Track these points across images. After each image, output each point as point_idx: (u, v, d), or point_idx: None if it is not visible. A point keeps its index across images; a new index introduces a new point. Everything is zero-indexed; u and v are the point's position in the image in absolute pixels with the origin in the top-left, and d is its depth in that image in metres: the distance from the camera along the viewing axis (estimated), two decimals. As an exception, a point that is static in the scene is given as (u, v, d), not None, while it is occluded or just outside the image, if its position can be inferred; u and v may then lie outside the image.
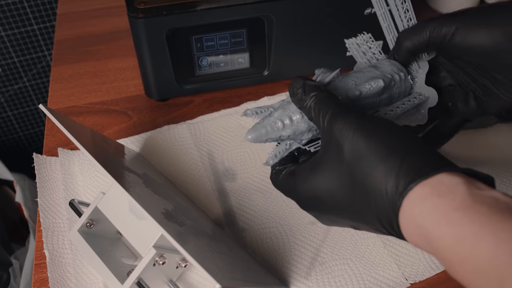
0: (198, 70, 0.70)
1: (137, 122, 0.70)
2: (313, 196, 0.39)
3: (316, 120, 0.40)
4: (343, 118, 0.37)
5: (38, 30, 1.24)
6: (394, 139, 0.35)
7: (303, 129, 0.44)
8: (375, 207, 0.35)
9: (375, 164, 0.34)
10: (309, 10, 0.67)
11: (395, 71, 0.47)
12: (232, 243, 0.53)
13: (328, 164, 0.38)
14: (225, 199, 0.59)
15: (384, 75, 0.47)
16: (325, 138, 0.39)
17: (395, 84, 0.47)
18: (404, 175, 0.33)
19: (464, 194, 0.31)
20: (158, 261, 0.44)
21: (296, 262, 0.52)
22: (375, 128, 0.36)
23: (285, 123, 0.44)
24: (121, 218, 0.47)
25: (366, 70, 0.47)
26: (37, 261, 0.53)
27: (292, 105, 0.44)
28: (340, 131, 0.37)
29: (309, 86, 0.41)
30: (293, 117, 0.44)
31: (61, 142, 0.66)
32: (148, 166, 0.60)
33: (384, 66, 0.48)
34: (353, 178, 0.36)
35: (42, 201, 0.58)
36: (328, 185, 0.38)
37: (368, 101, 0.46)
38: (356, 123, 0.36)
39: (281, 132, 0.44)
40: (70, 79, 0.78)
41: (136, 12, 0.62)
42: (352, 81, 0.46)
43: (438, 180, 0.32)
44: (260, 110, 0.47)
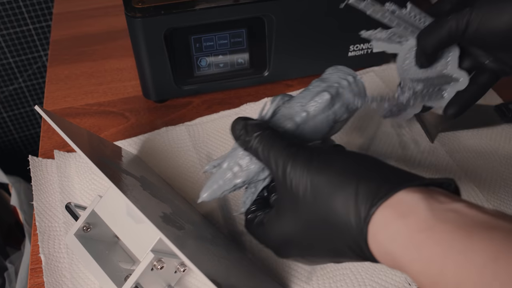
0: (197, 70, 0.70)
1: (134, 123, 0.70)
2: (284, 242, 0.39)
3: (265, 162, 0.40)
4: (295, 160, 0.37)
5: (34, 30, 1.25)
6: (346, 167, 0.35)
7: (256, 170, 0.43)
8: (344, 239, 0.34)
9: (332, 196, 0.34)
10: (309, 10, 0.67)
11: (341, 77, 0.47)
12: (232, 247, 0.53)
13: (288, 208, 0.38)
14: (225, 203, 0.59)
15: (329, 85, 0.46)
16: (279, 182, 0.38)
17: (345, 90, 0.47)
18: (363, 200, 0.32)
19: (426, 212, 0.30)
20: (156, 265, 0.44)
21: (296, 266, 0.52)
22: (324, 162, 0.36)
23: (235, 170, 0.43)
24: (118, 222, 0.47)
25: (312, 86, 0.47)
26: (33, 266, 0.53)
27: (238, 150, 0.44)
28: (292, 174, 0.36)
29: (251, 126, 0.41)
30: (241, 162, 0.43)
31: (57, 144, 0.66)
32: (145, 169, 0.60)
33: (330, 76, 0.48)
34: (316, 216, 0.35)
35: (38, 204, 0.58)
36: (294, 229, 0.38)
37: (321, 117, 0.45)
38: (306, 162, 0.36)
39: (233, 181, 0.43)
40: (67, 80, 0.78)
41: (133, 11, 0.62)
42: (298, 103, 0.45)
43: (398, 199, 0.32)
44: (217, 163, 0.46)
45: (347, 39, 0.73)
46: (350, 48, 0.74)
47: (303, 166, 0.36)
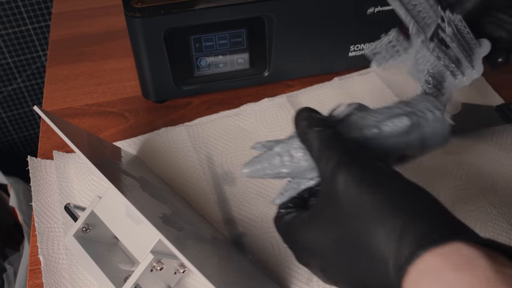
0: (196, 71, 0.70)
1: (134, 124, 0.70)
2: (308, 250, 0.37)
3: (316, 161, 0.37)
4: (346, 169, 0.34)
5: (33, 30, 1.25)
6: (401, 196, 0.32)
7: (305, 167, 0.41)
8: (374, 272, 0.32)
9: (376, 223, 0.31)
10: (310, 10, 0.67)
11: (429, 108, 0.43)
12: (232, 248, 0.53)
13: (325, 216, 0.35)
14: (224, 203, 0.59)
15: (412, 112, 0.43)
16: (325, 186, 0.36)
17: (428, 123, 0.42)
18: (411, 238, 0.29)
19: (488, 271, 0.27)
20: (155, 266, 0.44)
21: (297, 267, 0.52)
22: (379, 183, 0.33)
23: (284, 159, 0.41)
24: (117, 223, 0.47)
25: (393, 106, 0.44)
26: (32, 267, 0.53)
27: (295, 139, 0.41)
28: (341, 183, 0.34)
29: (315, 119, 0.39)
30: (294, 154, 0.41)
31: (56, 144, 0.66)
32: (145, 169, 0.60)
33: (416, 103, 0.44)
34: (351, 236, 0.33)
35: (37, 205, 0.58)
36: (323, 240, 0.36)
37: (392, 142, 0.42)
38: (359, 176, 0.33)
39: (279, 169, 0.41)
40: (66, 80, 0.78)
41: (133, 11, 0.62)
42: (373, 118, 0.42)
43: (454, 249, 0.28)
44: (270, 144, 0.44)
45: (347, 39, 0.73)
46: (351, 48, 0.74)
47: (354, 179, 0.33)
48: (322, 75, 0.77)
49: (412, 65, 0.51)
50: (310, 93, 0.73)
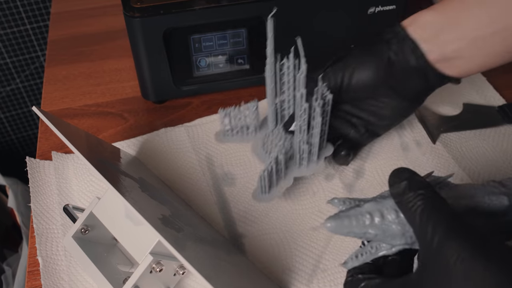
0: (196, 71, 0.70)
1: (133, 124, 0.70)
2: None
3: (420, 227, 0.34)
4: (458, 241, 0.31)
5: (31, 30, 1.25)
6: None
7: (396, 232, 0.38)
8: None
9: None
10: (311, 10, 0.67)
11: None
12: (232, 250, 0.53)
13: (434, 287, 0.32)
14: (224, 204, 0.59)
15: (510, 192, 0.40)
16: (428, 254, 0.33)
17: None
18: None
19: None
20: (155, 268, 0.44)
21: (297, 269, 0.52)
22: (497, 265, 0.30)
23: (375, 219, 0.39)
24: (117, 224, 0.47)
25: (487, 185, 0.41)
26: (30, 268, 0.53)
27: (389, 200, 0.39)
28: (451, 257, 0.31)
29: (417, 182, 0.36)
30: (387, 215, 0.38)
31: (55, 145, 0.66)
32: (144, 170, 0.60)
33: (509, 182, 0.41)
34: None
35: (36, 206, 0.58)
36: None
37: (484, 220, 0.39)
38: (474, 251, 0.30)
39: (367, 228, 0.39)
40: (64, 80, 0.78)
41: (132, 11, 0.62)
42: (468, 191, 0.40)
43: None
44: (349, 201, 0.42)
45: (348, 39, 0.73)
46: (351, 48, 0.74)
47: (469, 256, 0.30)
48: (323, 75, 0.77)
49: (259, 145, 0.59)
50: (310, 93, 0.73)
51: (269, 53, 0.54)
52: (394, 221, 0.38)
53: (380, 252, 0.40)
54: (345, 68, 0.56)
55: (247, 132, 0.61)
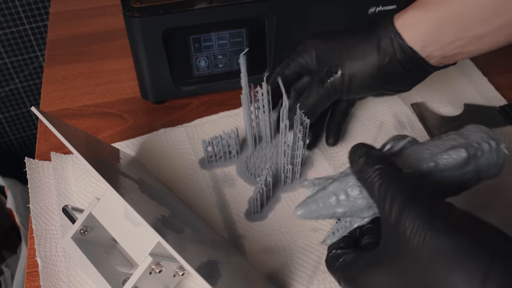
0: (196, 71, 0.70)
1: (132, 125, 0.70)
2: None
3: (379, 202, 0.36)
4: (415, 208, 0.33)
5: (30, 30, 1.25)
6: (478, 238, 0.31)
7: (362, 206, 0.40)
8: None
9: (453, 268, 0.30)
10: (311, 9, 0.67)
11: (484, 139, 0.43)
12: (231, 251, 0.53)
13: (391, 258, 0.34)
14: (224, 205, 0.59)
15: (468, 143, 0.42)
16: (390, 227, 0.34)
17: (484, 155, 0.42)
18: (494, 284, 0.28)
19: None
20: (154, 269, 0.44)
21: (297, 270, 0.52)
22: (453, 224, 0.32)
23: (340, 198, 0.40)
24: (116, 225, 0.47)
25: (446, 138, 0.44)
26: (29, 269, 0.53)
27: (351, 177, 0.41)
28: (411, 224, 0.32)
29: (373, 157, 0.38)
30: (350, 192, 0.40)
31: (54, 146, 0.66)
32: (144, 171, 0.60)
33: (470, 134, 0.44)
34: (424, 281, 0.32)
35: (35, 207, 0.58)
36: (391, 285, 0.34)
37: (448, 174, 0.41)
38: (430, 216, 0.32)
39: (334, 208, 0.41)
40: (64, 80, 0.78)
41: (131, 11, 0.62)
42: (428, 151, 0.42)
43: None
44: (319, 182, 0.44)
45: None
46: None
47: (425, 218, 0.32)
48: (323, 76, 0.77)
49: (243, 168, 0.62)
50: (310, 93, 0.73)
51: (244, 84, 0.57)
52: (359, 196, 0.40)
53: (355, 224, 0.41)
54: (335, 53, 0.55)
55: (230, 156, 0.64)
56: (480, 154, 0.42)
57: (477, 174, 0.43)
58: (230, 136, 0.61)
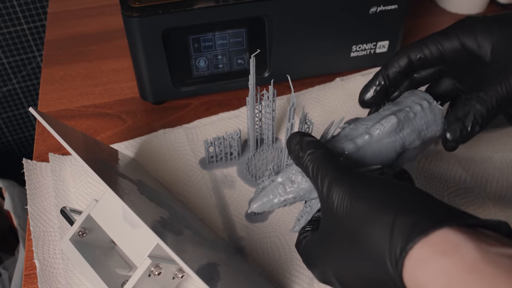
0: (195, 71, 0.70)
1: (131, 126, 0.70)
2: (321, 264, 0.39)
3: (314, 182, 0.40)
4: (340, 183, 0.37)
5: (28, 30, 1.25)
6: (386, 196, 0.34)
7: (307, 188, 0.43)
8: (378, 271, 0.33)
9: (369, 226, 0.33)
10: (311, 9, 0.67)
11: (415, 101, 0.46)
12: (231, 253, 0.53)
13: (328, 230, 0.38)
14: (224, 207, 0.59)
15: (399, 109, 0.46)
16: (324, 203, 0.38)
17: (417, 115, 0.45)
18: (400, 234, 0.31)
19: (475, 253, 0.29)
20: (153, 271, 0.44)
21: (298, 272, 0.52)
22: (367, 189, 0.35)
23: (286, 186, 0.44)
24: (115, 227, 0.47)
25: (384, 108, 0.47)
26: (27, 272, 0.53)
27: (293, 166, 0.44)
28: (335, 197, 0.36)
29: (306, 143, 0.41)
30: (294, 178, 0.44)
31: (52, 147, 0.67)
32: (143, 172, 0.60)
33: (404, 100, 0.47)
34: (352, 243, 0.35)
35: (32, 208, 0.58)
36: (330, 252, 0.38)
37: (387, 141, 0.45)
38: (349, 187, 0.36)
39: (284, 196, 0.44)
40: (62, 81, 0.78)
41: (130, 11, 0.62)
42: (363, 125, 0.45)
43: (441, 236, 0.30)
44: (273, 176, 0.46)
45: (349, 39, 0.73)
46: (353, 49, 0.74)
47: (346, 190, 0.36)
48: (324, 76, 0.77)
49: (244, 169, 0.62)
50: (311, 94, 0.73)
51: (251, 86, 0.58)
52: (302, 180, 0.43)
53: (315, 208, 0.44)
54: None
55: (231, 158, 0.64)
56: (413, 115, 0.45)
57: (418, 135, 0.46)
58: (233, 137, 0.61)
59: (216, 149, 0.62)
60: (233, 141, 0.62)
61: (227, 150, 0.62)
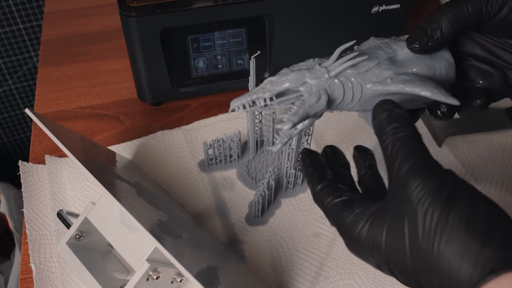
0: (194, 72, 0.70)
1: (129, 127, 0.70)
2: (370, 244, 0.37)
3: (389, 160, 0.37)
4: (423, 178, 0.34)
5: (24, 30, 1.25)
6: (477, 216, 0.32)
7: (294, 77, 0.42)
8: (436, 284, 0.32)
9: (450, 241, 0.31)
10: (312, 9, 0.67)
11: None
12: (231, 257, 0.53)
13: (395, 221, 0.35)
14: (223, 210, 0.59)
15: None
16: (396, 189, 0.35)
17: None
18: (483, 261, 0.30)
19: None
20: (151, 275, 0.44)
21: (298, 276, 0.52)
22: (455, 199, 0.33)
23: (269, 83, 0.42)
24: (112, 230, 0.47)
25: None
26: (23, 276, 0.53)
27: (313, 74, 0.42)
28: (415, 192, 0.33)
29: (396, 115, 0.38)
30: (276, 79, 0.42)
31: (48, 149, 0.67)
32: (141, 175, 0.60)
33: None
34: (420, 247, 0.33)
35: (29, 211, 0.58)
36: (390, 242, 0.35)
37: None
38: (436, 188, 0.33)
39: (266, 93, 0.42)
40: (58, 81, 0.78)
41: (128, 10, 0.62)
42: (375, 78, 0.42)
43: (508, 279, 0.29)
44: None
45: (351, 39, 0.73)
46: (355, 48, 0.74)
47: (431, 193, 0.33)
48: (325, 77, 0.77)
49: (243, 172, 0.62)
50: (312, 95, 0.73)
51: (251, 88, 0.57)
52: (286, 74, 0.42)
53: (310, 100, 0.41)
54: None
55: (230, 160, 0.64)
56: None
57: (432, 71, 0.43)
58: (232, 139, 0.61)
59: (215, 151, 0.62)
60: (233, 143, 0.62)
61: (227, 152, 0.62)
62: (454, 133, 0.66)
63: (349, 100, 0.42)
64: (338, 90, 0.41)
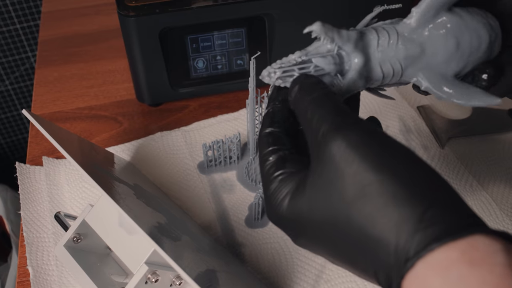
0: (193, 72, 0.70)
1: (127, 128, 0.70)
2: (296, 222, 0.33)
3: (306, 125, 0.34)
4: (344, 135, 0.30)
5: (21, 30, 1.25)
6: (416, 177, 0.29)
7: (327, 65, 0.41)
8: (373, 258, 0.29)
9: (385, 208, 0.28)
10: (312, 8, 0.67)
11: None
12: (231, 259, 0.53)
13: (320, 192, 0.31)
14: (223, 212, 0.59)
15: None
16: (317, 153, 0.32)
17: None
18: (425, 229, 0.27)
19: (504, 267, 0.25)
20: (150, 278, 0.44)
21: (299, 279, 0.52)
22: (389, 158, 0.29)
23: None
24: (110, 232, 0.47)
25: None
26: (20, 279, 0.53)
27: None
28: (339, 153, 0.30)
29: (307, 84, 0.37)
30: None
31: (46, 150, 0.67)
32: (139, 176, 0.60)
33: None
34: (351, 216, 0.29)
35: (26, 213, 0.58)
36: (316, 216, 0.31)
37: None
38: (363, 146, 0.30)
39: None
40: (56, 82, 0.78)
41: (127, 10, 0.62)
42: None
43: (471, 243, 0.26)
44: None
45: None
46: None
47: (358, 151, 0.29)
48: (326, 77, 0.77)
49: (243, 174, 0.62)
50: (312, 95, 0.73)
51: (251, 89, 0.57)
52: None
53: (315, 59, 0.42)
54: None
55: (230, 161, 0.64)
56: None
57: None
58: (232, 140, 0.61)
59: (215, 152, 0.62)
60: (233, 144, 0.62)
61: (226, 153, 0.62)
62: (456, 134, 0.66)
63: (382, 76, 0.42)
64: None
